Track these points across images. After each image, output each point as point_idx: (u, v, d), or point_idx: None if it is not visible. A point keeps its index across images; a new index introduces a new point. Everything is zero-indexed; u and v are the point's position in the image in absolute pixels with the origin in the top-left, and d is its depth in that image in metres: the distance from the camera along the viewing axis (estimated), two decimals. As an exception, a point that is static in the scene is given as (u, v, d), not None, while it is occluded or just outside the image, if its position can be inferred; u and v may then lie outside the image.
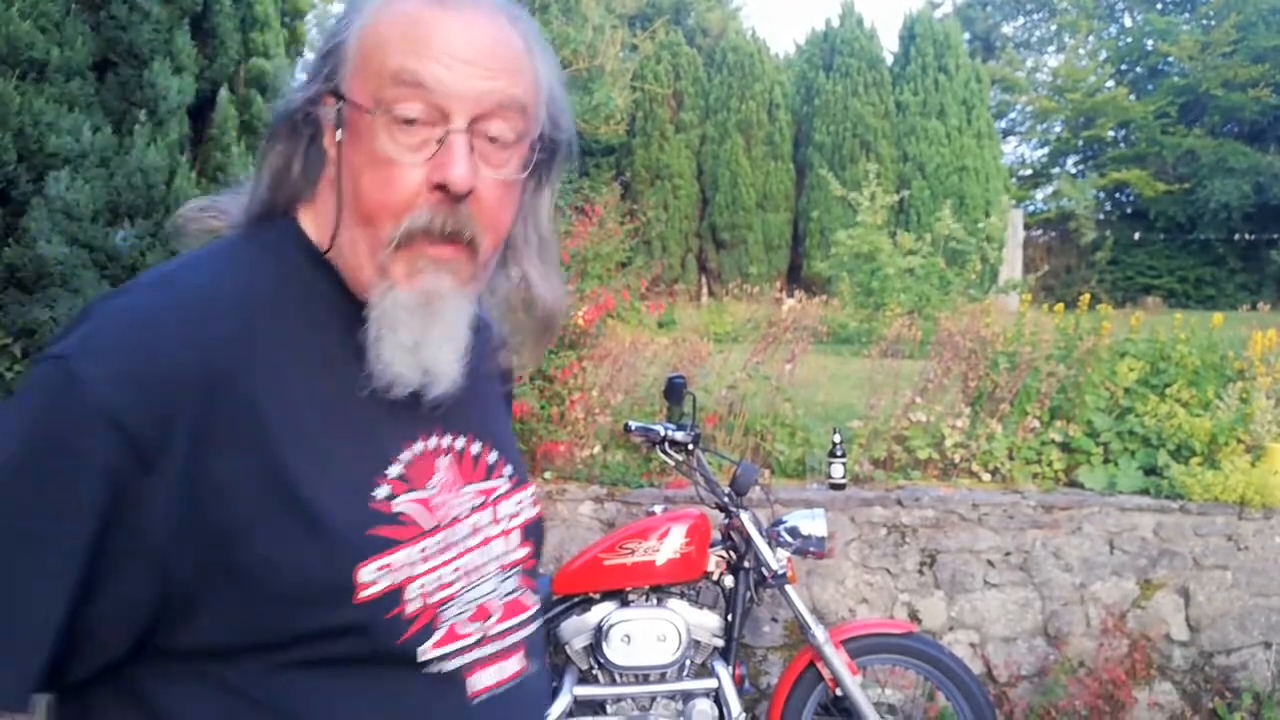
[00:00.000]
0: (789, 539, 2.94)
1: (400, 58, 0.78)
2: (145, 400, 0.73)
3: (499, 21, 0.82)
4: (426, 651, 0.81)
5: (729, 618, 2.90)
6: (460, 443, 0.89)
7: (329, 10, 14.66)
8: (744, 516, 2.88)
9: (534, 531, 0.94)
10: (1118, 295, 17.98)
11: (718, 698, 2.81)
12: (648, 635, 2.80)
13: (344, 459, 0.80)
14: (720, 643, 2.89)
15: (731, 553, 2.95)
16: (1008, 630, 3.66)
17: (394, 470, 0.82)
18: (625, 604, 2.86)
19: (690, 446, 2.97)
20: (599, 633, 2.81)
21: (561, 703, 2.80)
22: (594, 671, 2.88)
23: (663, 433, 2.96)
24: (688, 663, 2.88)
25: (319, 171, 0.85)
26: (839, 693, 2.84)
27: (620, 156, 16.42)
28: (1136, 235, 20.49)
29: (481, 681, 0.85)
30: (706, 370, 4.58)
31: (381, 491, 0.81)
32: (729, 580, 2.94)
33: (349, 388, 0.81)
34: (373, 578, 0.78)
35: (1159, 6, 24.06)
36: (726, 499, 2.93)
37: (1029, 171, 24.16)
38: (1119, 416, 4.14)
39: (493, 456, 0.92)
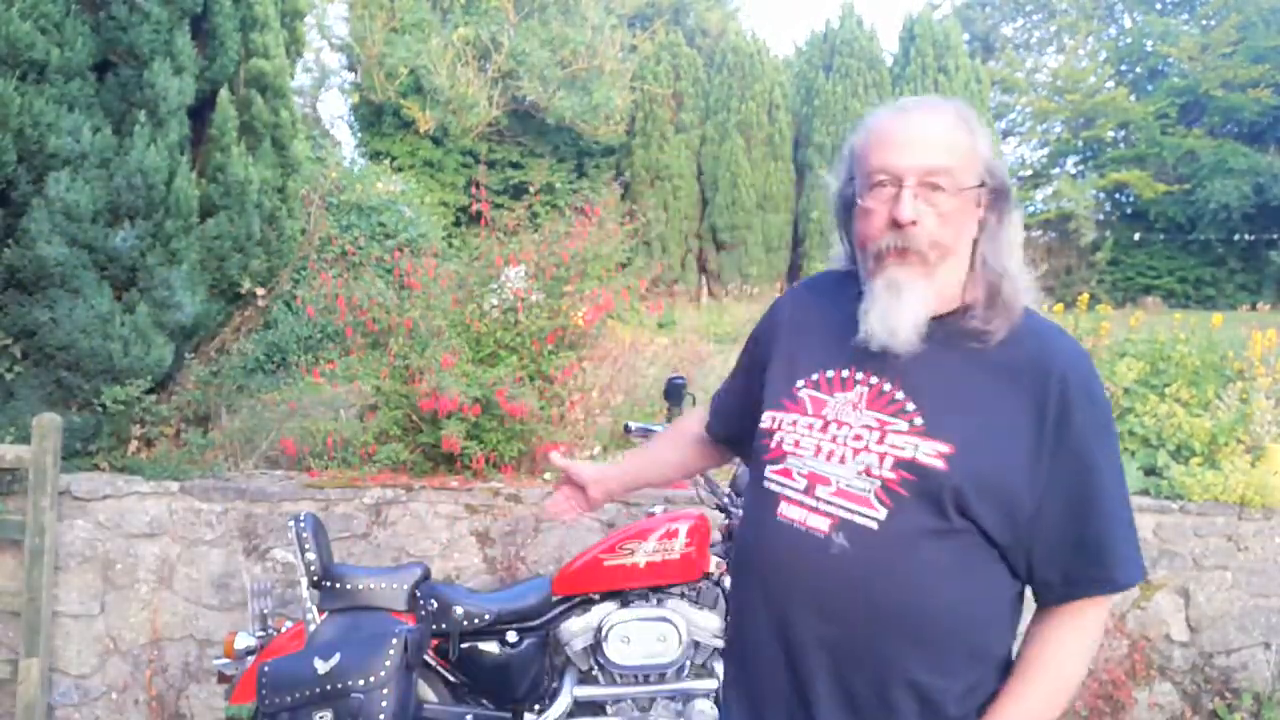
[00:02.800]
0: (789, 539, 2.93)
1: (878, 156, 1.33)
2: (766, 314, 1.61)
3: (943, 116, 1.34)
4: (766, 471, 1.39)
5: (729, 618, 2.89)
6: (885, 384, 1.33)
7: (328, 10, 14.65)
8: (744, 517, 2.88)
9: (915, 471, 1.26)
10: (1117, 295, 17.97)
11: (718, 698, 2.81)
12: (648, 636, 2.80)
13: (799, 362, 1.44)
14: (720, 643, 2.89)
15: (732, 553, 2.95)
16: (1008, 631, 3.66)
17: (815, 376, 1.40)
18: (625, 604, 2.86)
19: (690, 447, 2.97)
20: (599, 633, 2.81)
21: (561, 703, 2.80)
22: (594, 672, 2.88)
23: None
24: (688, 663, 2.88)
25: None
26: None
27: (620, 157, 16.41)
28: (1136, 236, 20.48)
29: (787, 513, 1.34)
30: (706, 371, 4.58)
31: (800, 382, 1.41)
32: (729, 580, 2.93)
33: (839, 335, 1.38)
34: (767, 418, 1.43)
35: (1159, 7, 24.04)
36: (726, 499, 2.93)
37: (1029, 172, 24.13)
38: (1118, 417, 4.13)
39: (909, 405, 1.30)
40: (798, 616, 1.32)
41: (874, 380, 1.34)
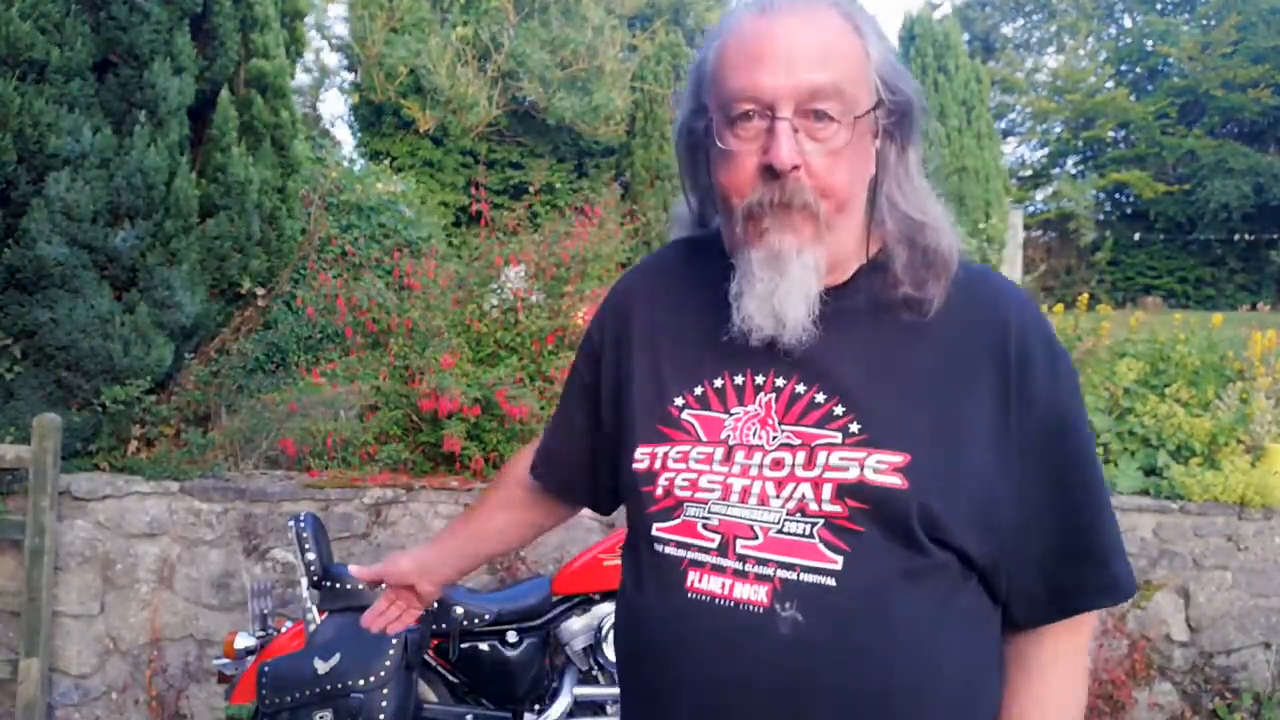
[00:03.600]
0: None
1: (737, 76, 0.97)
2: (597, 318, 1.21)
3: (822, 15, 0.98)
4: (654, 530, 1.01)
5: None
6: (797, 386, 0.99)
7: (328, 11, 14.65)
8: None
9: (867, 496, 0.92)
10: (1117, 295, 17.98)
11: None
12: (648, 636, 2.80)
13: (668, 374, 1.07)
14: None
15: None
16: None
17: (698, 389, 1.04)
18: (625, 604, 2.86)
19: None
20: (599, 633, 2.81)
21: (561, 703, 2.80)
22: (594, 672, 2.88)
23: (663, 433, 2.96)
24: (688, 663, 2.87)
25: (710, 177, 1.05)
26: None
27: (620, 157, 16.40)
28: (1136, 236, 20.49)
29: (703, 585, 0.96)
30: (706, 371, 4.57)
31: (678, 400, 1.04)
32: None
33: (715, 328, 1.03)
34: (641, 456, 1.04)
35: (1159, 7, 24.05)
36: None
37: (1029, 172, 24.16)
38: (1119, 417, 4.13)
39: (837, 408, 0.97)
40: None
41: (781, 382, 0.99)
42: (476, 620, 2.77)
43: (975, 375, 0.97)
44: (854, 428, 0.95)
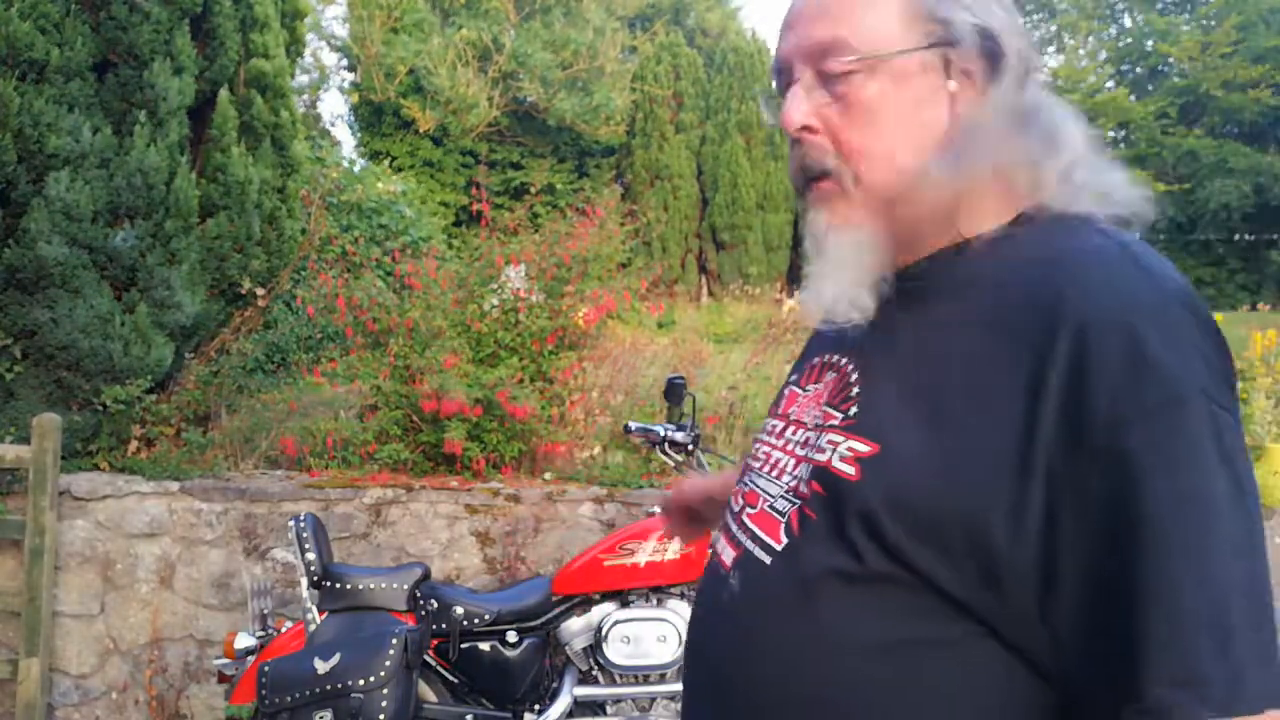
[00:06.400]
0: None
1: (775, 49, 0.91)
2: None
3: None
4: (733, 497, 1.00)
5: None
6: (851, 370, 0.91)
7: (327, 12, 14.65)
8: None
9: (825, 481, 0.82)
10: (1118, 296, 17.93)
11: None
12: (648, 636, 2.80)
13: (805, 352, 1.07)
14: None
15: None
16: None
17: (804, 367, 1.02)
18: (625, 604, 2.86)
19: (690, 447, 2.97)
20: (599, 633, 2.81)
21: (561, 703, 2.80)
22: (594, 672, 2.88)
23: (663, 433, 2.97)
24: (688, 663, 2.88)
25: None
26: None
27: (620, 157, 16.41)
28: (1137, 235, 20.45)
29: (717, 546, 0.97)
30: (707, 371, 4.58)
31: (794, 376, 1.04)
32: None
33: None
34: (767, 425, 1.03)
35: (1159, 7, 24.04)
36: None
37: (1029, 172, 24.11)
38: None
39: (854, 390, 0.88)
40: (691, 697, 0.94)
41: (843, 364, 0.92)
42: (476, 620, 2.77)
43: (996, 369, 0.75)
44: (852, 410, 0.86)
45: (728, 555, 0.92)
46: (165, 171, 3.80)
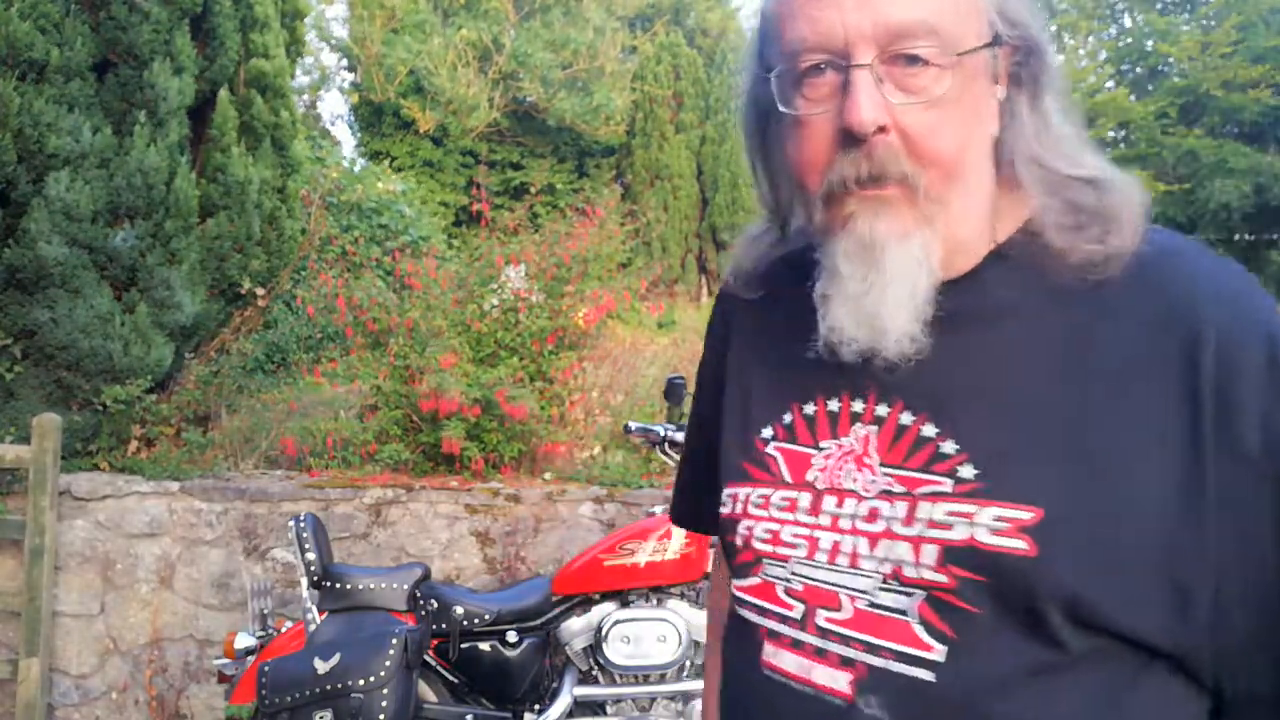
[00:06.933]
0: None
1: (800, 20, 0.74)
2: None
3: None
4: (736, 589, 0.84)
5: None
6: (903, 414, 0.76)
7: (327, 12, 14.66)
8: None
9: (981, 564, 0.69)
10: (1118, 296, 17.95)
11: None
12: (648, 635, 2.80)
13: (756, 399, 0.88)
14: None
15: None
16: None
17: (786, 416, 0.84)
18: (625, 604, 2.86)
19: (690, 447, 2.97)
20: (599, 633, 2.81)
21: (561, 703, 2.80)
22: (594, 672, 2.88)
23: (663, 433, 2.96)
24: (688, 663, 2.87)
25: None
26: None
27: (620, 157, 16.41)
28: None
29: (780, 661, 0.78)
30: (706, 371, 4.57)
31: (765, 431, 0.85)
32: None
33: (800, 340, 0.81)
34: (726, 499, 0.86)
35: (1159, 7, 24.06)
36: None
37: (1029, 172, 24.13)
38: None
39: (948, 444, 0.73)
40: None
41: (883, 410, 0.77)
42: (476, 620, 2.77)
43: (1147, 396, 0.69)
44: (967, 472, 0.71)
45: (828, 677, 0.74)
46: (165, 171, 3.80)
